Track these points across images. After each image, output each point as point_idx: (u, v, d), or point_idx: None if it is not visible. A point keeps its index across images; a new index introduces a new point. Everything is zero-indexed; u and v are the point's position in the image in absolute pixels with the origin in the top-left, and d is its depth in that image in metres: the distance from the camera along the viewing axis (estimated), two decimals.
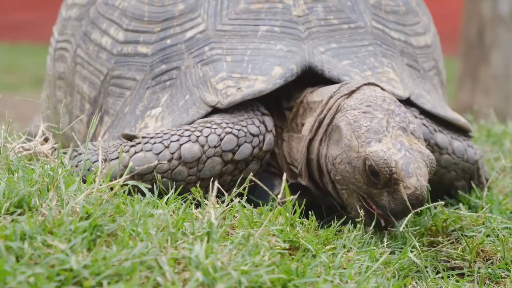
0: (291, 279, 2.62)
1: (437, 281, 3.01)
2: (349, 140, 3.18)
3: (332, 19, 3.63)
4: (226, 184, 3.38)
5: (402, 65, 3.68)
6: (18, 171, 3.04)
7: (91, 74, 3.80)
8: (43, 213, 2.73)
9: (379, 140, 3.14)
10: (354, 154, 3.16)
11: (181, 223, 2.76)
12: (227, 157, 3.33)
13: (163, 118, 3.48)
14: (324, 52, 3.55)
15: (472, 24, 9.52)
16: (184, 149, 3.31)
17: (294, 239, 2.92)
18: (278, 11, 3.60)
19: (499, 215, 3.45)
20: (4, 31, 15.61)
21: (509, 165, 4.27)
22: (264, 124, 3.40)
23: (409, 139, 3.17)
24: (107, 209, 2.74)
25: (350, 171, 3.17)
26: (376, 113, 3.21)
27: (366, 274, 2.78)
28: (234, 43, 3.55)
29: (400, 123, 3.20)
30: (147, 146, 3.32)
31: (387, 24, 3.73)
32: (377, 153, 3.10)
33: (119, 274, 2.47)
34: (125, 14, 3.73)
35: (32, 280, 2.38)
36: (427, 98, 3.63)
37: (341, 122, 3.25)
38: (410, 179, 3.06)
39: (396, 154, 3.09)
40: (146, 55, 3.64)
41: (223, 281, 2.48)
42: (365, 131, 3.16)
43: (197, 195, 3.16)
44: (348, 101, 3.29)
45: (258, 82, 3.43)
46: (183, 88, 3.52)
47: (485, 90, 9.52)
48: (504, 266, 3.13)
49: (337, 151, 3.23)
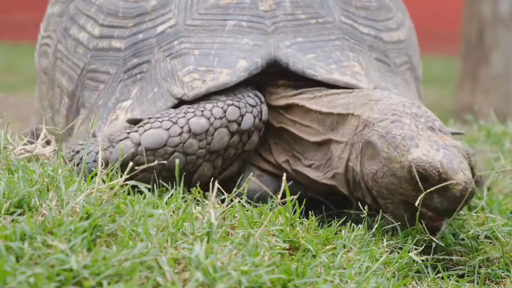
0: (291, 279, 2.62)
1: (437, 281, 3.02)
2: (387, 153, 3.18)
3: (300, 14, 3.70)
4: (229, 158, 3.48)
5: (370, 59, 3.73)
6: (18, 171, 3.04)
7: (70, 69, 3.90)
8: (43, 213, 2.73)
9: (417, 145, 3.14)
10: (396, 165, 3.15)
11: (181, 223, 2.76)
12: (233, 127, 3.44)
13: (133, 110, 3.57)
14: (290, 46, 3.62)
15: (472, 24, 9.53)
16: (192, 122, 3.41)
17: (294, 239, 2.92)
18: (246, 6, 3.68)
19: (499, 215, 3.45)
20: (4, 31, 15.61)
21: (509, 165, 4.27)
22: (258, 96, 3.51)
23: (440, 137, 3.18)
24: (107, 209, 2.74)
25: (396, 182, 3.17)
26: (403, 119, 3.22)
27: (366, 274, 2.78)
28: (203, 37, 3.64)
29: (426, 123, 3.22)
30: (156, 124, 3.42)
31: (357, 20, 3.78)
32: (420, 158, 3.11)
33: (119, 274, 2.47)
34: (101, 9, 3.82)
35: (32, 280, 2.38)
36: (393, 91, 3.68)
37: (372, 137, 3.25)
38: (457, 175, 3.07)
39: (437, 155, 3.10)
40: (119, 49, 3.73)
41: (223, 281, 2.48)
42: (400, 140, 3.17)
43: (197, 195, 3.17)
44: (371, 114, 3.30)
45: (223, 75, 3.52)
46: (153, 81, 3.61)
47: (485, 90, 9.52)
48: (504, 266, 3.13)
49: (375, 167, 3.23)
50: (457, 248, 3.21)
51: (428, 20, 15.49)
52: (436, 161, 3.08)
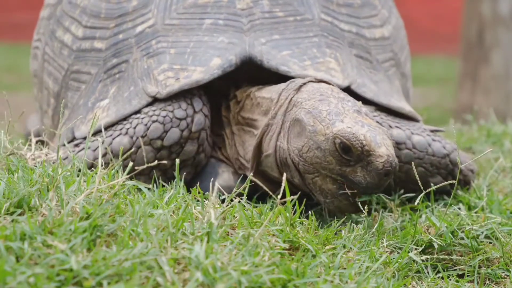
0: (291, 279, 2.62)
1: (437, 281, 3.02)
2: (312, 126, 3.28)
3: (278, 12, 3.73)
4: (189, 166, 3.55)
5: (349, 56, 3.75)
6: (18, 171, 3.04)
7: (55, 70, 3.94)
8: (43, 213, 2.72)
9: (342, 120, 3.25)
10: (321, 138, 3.25)
11: (181, 223, 2.76)
12: (156, 144, 3.48)
13: (109, 109, 3.62)
14: (265, 43, 3.65)
15: (472, 24, 9.52)
16: (115, 142, 3.48)
17: (294, 239, 2.92)
18: (223, 5, 3.71)
19: (499, 215, 3.45)
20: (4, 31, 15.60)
21: (509, 165, 4.27)
22: (192, 106, 3.53)
23: (365, 119, 3.28)
24: (107, 209, 2.74)
25: (320, 155, 3.25)
26: (330, 99, 3.34)
27: (366, 274, 2.78)
28: (180, 36, 3.67)
29: (353, 107, 3.33)
30: (88, 145, 3.46)
31: (337, 17, 3.81)
32: (344, 130, 3.21)
33: (119, 274, 2.47)
34: (85, 11, 3.86)
35: (32, 280, 2.38)
36: (370, 87, 3.70)
37: (299, 114, 3.34)
38: (380, 149, 3.18)
39: (361, 129, 3.21)
40: (101, 50, 3.77)
41: (223, 281, 2.48)
42: (326, 115, 3.27)
43: (197, 195, 3.17)
44: (300, 95, 3.41)
45: (196, 72, 3.55)
46: (129, 80, 3.66)
47: (485, 90, 9.52)
48: (504, 266, 3.13)
49: (301, 142, 3.32)
50: (457, 248, 3.21)
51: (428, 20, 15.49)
52: (359, 133, 3.19)
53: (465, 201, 3.67)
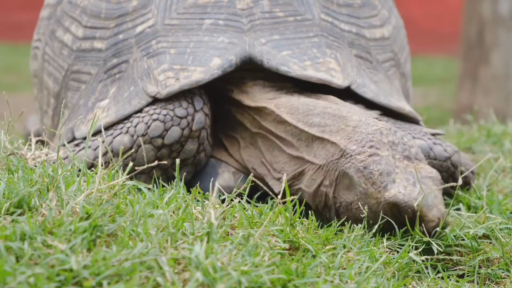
0: (291, 279, 2.62)
1: (437, 281, 3.02)
2: (364, 188, 3.20)
3: (278, 12, 3.73)
4: (189, 165, 3.55)
5: (349, 56, 3.75)
6: (18, 171, 3.04)
7: (55, 70, 3.95)
8: (43, 213, 2.73)
9: (394, 181, 3.17)
10: (373, 201, 3.18)
11: (181, 223, 2.76)
12: (157, 143, 3.47)
13: (109, 109, 3.62)
14: (265, 43, 3.65)
15: (472, 24, 9.52)
16: (116, 141, 3.48)
17: (294, 239, 2.92)
18: (223, 5, 3.71)
19: (499, 215, 3.45)
20: (4, 31, 15.61)
21: (509, 165, 4.27)
22: (193, 105, 3.53)
23: (415, 165, 3.22)
24: (107, 209, 2.74)
25: (371, 215, 3.20)
26: (381, 152, 3.23)
27: (366, 274, 2.78)
28: (180, 36, 3.67)
29: (403, 152, 3.25)
30: (89, 144, 3.49)
31: (338, 17, 3.81)
32: (396, 197, 3.14)
33: (119, 274, 2.47)
34: (85, 11, 3.86)
35: (32, 280, 2.38)
36: (370, 87, 3.70)
37: (349, 169, 3.25)
38: (431, 212, 3.13)
39: (413, 192, 3.14)
40: (101, 50, 3.78)
41: (223, 281, 2.48)
42: (378, 176, 3.18)
43: (197, 195, 3.17)
44: (349, 145, 3.28)
45: (196, 72, 3.55)
46: (130, 80, 3.66)
47: (485, 90, 9.52)
48: (504, 266, 3.13)
49: (351, 197, 3.25)
50: (457, 248, 3.21)
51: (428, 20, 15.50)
52: (412, 198, 3.13)
53: (465, 201, 3.67)
